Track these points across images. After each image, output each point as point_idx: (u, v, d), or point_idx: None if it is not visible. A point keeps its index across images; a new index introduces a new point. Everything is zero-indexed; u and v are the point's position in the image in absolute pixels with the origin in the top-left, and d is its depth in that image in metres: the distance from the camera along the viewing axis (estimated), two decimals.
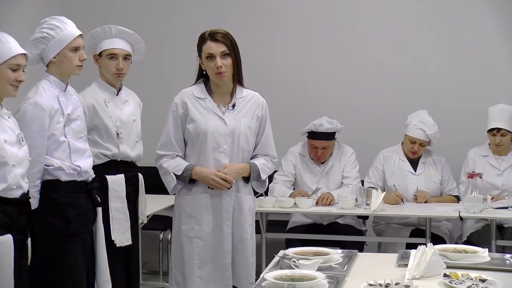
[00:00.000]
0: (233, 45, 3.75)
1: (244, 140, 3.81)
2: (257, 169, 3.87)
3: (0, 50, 3.24)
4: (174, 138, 3.80)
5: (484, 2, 6.22)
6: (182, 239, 3.84)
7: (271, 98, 6.41)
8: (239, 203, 3.86)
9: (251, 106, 3.87)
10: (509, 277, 3.10)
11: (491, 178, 5.56)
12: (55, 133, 3.67)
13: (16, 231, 3.28)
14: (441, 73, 6.30)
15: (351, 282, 3.00)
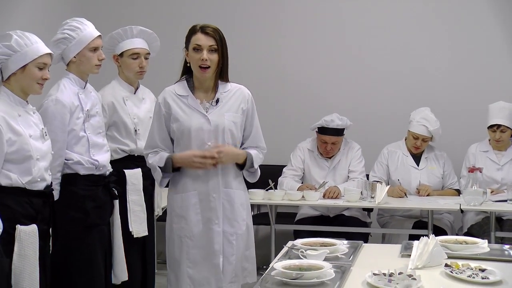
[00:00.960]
0: (222, 41, 3.52)
1: (229, 135, 3.56)
2: (252, 157, 3.63)
3: (28, 50, 3.27)
4: (159, 138, 3.58)
5: (485, 4, 6.20)
6: (174, 238, 3.61)
7: (282, 96, 6.51)
8: (229, 200, 3.59)
9: (235, 100, 3.61)
10: (507, 267, 3.10)
11: (491, 172, 5.55)
12: (75, 128, 3.69)
13: (40, 221, 3.31)
14: (443, 72, 6.29)
15: (356, 271, 3.01)
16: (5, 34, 3.28)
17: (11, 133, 3.19)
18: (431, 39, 6.30)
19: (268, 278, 2.83)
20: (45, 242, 3.39)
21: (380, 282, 2.75)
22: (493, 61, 6.20)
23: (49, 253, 3.51)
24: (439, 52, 6.30)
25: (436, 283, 2.79)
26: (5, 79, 3.30)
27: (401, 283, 2.73)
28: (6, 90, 3.29)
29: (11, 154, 3.19)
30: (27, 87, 3.32)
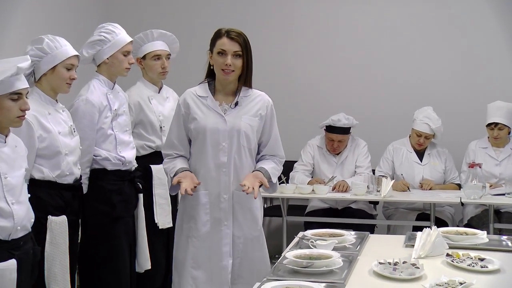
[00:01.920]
0: (247, 47, 3.31)
1: (244, 137, 3.34)
2: (268, 174, 3.38)
3: (57, 52, 3.31)
4: (177, 138, 3.39)
5: (484, 9, 6.18)
6: (181, 238, 3.43)
7: (292, 97, 6.52)
8: (240, 202, 3.37)
9: (254, 105, 3.41)
10: (505, 256, 3.09)
11: (489, 168, 5.54)
12: (103, 127, 3.71)
13: (69, 213, 3.35)
14: (444, 73, 6.28)
15: (363, 260, 3.01)
16: (37, 38, 3.32)
17: (41, 130, 3.23)
18: (434, 42, 6.29)
19: (280, 267, 2.84)
20: (74, 232, 3.42)
21: (385, 271, 2.76)
22: (491, 63, 6.19)
23: (78, 243, 3.55)
24: (441, 55, 6.28)
25: (438, 272, 2.79)
26: (37, 80, 3.33)
27: (405, 271, 2.74)
28: (38, 91, 3.32)
29: (42, 150, 3.23)
30: (56, 86, 3.36)
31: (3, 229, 2.72)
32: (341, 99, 6.30)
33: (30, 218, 2.89)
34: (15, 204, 2.77)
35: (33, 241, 2.93)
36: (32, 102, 3.03)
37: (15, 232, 2.77)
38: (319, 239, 3.25)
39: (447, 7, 6.25)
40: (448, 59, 6.28)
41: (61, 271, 3.19)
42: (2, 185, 2.73)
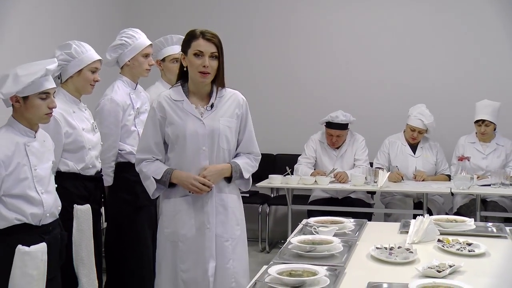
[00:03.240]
0: (221, 48, 3.03)
1: (224, 140, 3.08)
2: (239, 168, 3.12)
3: (83, 57, 3.32)
4: (153, 142, 3.08)
5: (475, 16, 6.16)
6: (165, 243, 3.13)
7: (295, 96, 6.53)
8: (223, 204, 3.12)
9: (230, 105, 3.11)
10: (490, 241, 3.09)
11: (477, 161, 5.54)
12: (127, 124, 3.72)
13: (92, 201, 3.36)
14: (437, 74, 6.28)
15: (361, 245, 3.01)
16: (66, 43, 3.33)
17: (67, 126, 3.24)
18: (427, 46, 6.29)
19: (286, 251, 2.84)
20: (97, 220, 3.44)
21: (382, 255, 2.76)
22: (479, 65, 6.18)
23: (101, 229, 3.56)
24: (434, 57, 6.28)
25: (430, 256, 2.79)
26: (63, 81, 3.34)
27: (400, 255, 2.74)
28: (64, 91, 3.33)
29: (68, 145, 3.24)
30: (81, 88, 3.37)
31: (34, 215, 2.74)
32: (340, 98, 6.30)
33: (57, 206, 2.91)
34: (44, 193, 2.79)
35: (60, 227, 2.95)
36: (59, 102, 3.04)
37: (44, 218, 2.79)
38: (321, 226, 3.25)
39: (440, 14, 6.25)
40: (440, 61, 6.28)
41: (87, 255, 3.21)
42: (33, 176, 2.75)
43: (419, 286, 2.21)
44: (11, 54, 4.76)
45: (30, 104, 2.76)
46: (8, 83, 2.69)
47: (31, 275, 2.68)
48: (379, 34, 6.38)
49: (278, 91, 6.58)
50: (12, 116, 2.80)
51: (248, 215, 3.55)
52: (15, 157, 2.70)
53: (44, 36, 5.16)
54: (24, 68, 2.75)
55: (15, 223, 2.70)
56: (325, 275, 2.36)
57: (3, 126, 2.79)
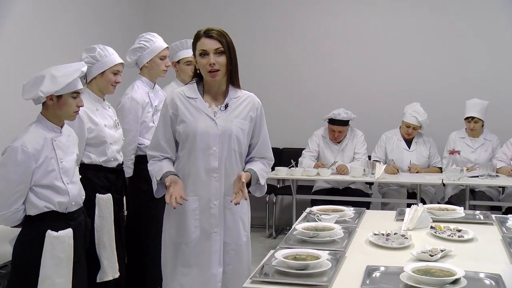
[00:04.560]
0: (229, 44, 2.70)
1: (235, 142, 2.73)
2: (256, 176, 2.76)
3: (106, 60, 3.32)
4: (164, 139, 2.77)
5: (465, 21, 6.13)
6: (169, 244, 2.82)
7: (301, 95, 6.52)
8: (230, 208, 2.76)
9: (244, 107, 2.78)
10: (478, 227, 3.09)
11: (466, 154, 5.53)
12: (146, 120, 3.72)
13: (114, 191, 3.36)
14: (430, 74, 6.26)
15: (360, 232, 3.01)
16: (91, 47, 3.33)
17: (90, 123, 3.24)
18: (420, 49, 6.27)
19: (291, 237, 2.84)
20: (119, 208, 3.44)
21: (379, 241, 2.75)
22: (469, 66, 6.17)
23: (124, 217, 3.57)
24: (427, 59, 6.26)
25: (423, 241, 2.78)
26: (88, 82, 3.35)
27: (396, 241, 2.73)
28: (88, 91, 3.34)
29: (91, 140, 3.24)
30: (104, 88, 3.37)
31: (61, 204, 2.75)
32: (341, 97, 6.30)
33: (82, 195, 2.92)
34: (69, 183, 2.80)
35: (84, 214, 2.96)
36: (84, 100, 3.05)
37: (70, 206, 2.80)
38: (324, 214, 3.25)
39: (433, 21, 6.23)
40: (433, 63, 6.26)
41: (108, 240, 3.22)
42: (59, 168, 2.76)
43: (413, 269, 2.21)
44: (43, 55, 4.81)
45: (62, 102, 2.77)
46: (46, 83, 2.71)
47: (59, 257, 2.70)
48: (378, 39, 6.37)
49: (285, 91, 6.58)
50: (41, 113, 2.81)
51: (256, 204, 3.52)
52: (43, 151, 2.71)
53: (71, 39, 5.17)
54: (59, 70, 2.76)
55: (44, 211, 2.72)
56: (327, 259, 2.36)
57: (33, 123, 2.80)
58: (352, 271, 2.32)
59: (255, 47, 6.54)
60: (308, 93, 6.52)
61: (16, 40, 4.62)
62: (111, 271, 3.21)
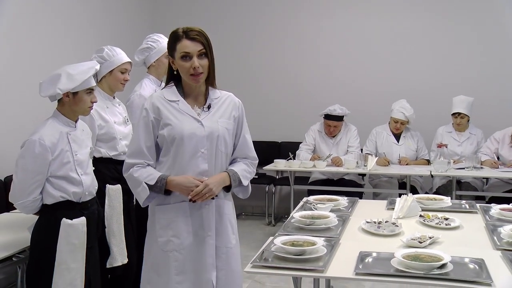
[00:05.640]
0: (209, 44, 2.42)
1: (223, 142, 2.46)
2: (238, 176, 2.48)
3: (114, 59, 3.32)
4: (145, 146, 2.42)
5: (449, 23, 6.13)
6: (157, 253, 2.45)
7: (299, 92, 6.52)
8: (219, 211, 2.48)
9: (227, 107, 2.52)
10: (464, 216, 3.10)
11: (453, 147, 5.54)
12: None
13: (124, 183, 3.35)
14: (417, 72, 6.26)
15: (353, 220, 3.02)
16: (100, 48, 3.33)
17: (101, 120, 3.24)
18: (409, 49, 6.27)
19: (289, 224, 2.85)
20: (129, 198, 3.44)
21: (371, 228, 2.76)
22: (455, 65, 6.16)
23: (133, 207, 3.57)
24: (414, 59, 6.26)
25: (412, 229, 2.79)
26: (98, 80, 3.35)
27: (387, 229, 2.74)
28: (99, 89, 3.33)
29: (101, 136, 3.24)
30: (113, 86, 3.36)
31: (76, 193, 2.76)
32: (337, 94, 6.31)
33: (95, 186, 2.92)
34: (83, 175, 2.80)
35: (97, 204, 2.97)
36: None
37: (84, 196, 2.81)
38: (319, 203, 3.26)
39: (419, 23, 6.23)
40: (420, 62, 6.26)
41: (118, 228, 3.22)
42: (74, 160, 2.76)
43: (403, 254, 2.22)
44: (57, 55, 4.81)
45: (78, 99, 2.78)
46: (63, 80, 2.72)
47: (73, 244, 2.71)
48: (370, 41, 6.38)
49: (284, 90, 6.59)
50: (57, 109, 2.82)
51: (256, 194, 3.51)
52: (59, 144, 2.72)
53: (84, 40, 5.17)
54: (74, 68, 2.77)
55: (60, 200, 2.73)
56: (323, 245, 2.37)
57: (49, 118, 2.80)
58: (346, 257, 2.33)
59: (257, 48, 6.55)
60: (305, 91, 6.53)
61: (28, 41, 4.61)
62: (120, 257, 3.21)
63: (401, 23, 6.27)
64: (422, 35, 6.21)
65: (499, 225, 2.82)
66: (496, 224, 2.89)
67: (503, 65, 6.01)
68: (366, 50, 6.37)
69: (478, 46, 6.07)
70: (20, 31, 4.49)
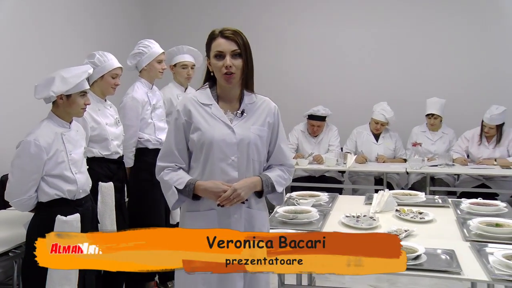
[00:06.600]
0: (245, 45, 2.23)
1: (255, 150, 2.24)
2: (271, 182, 2.25)
3: (106, 64, 3.30)
4: (176, 148, 2.25)
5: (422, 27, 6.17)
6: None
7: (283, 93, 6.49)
8: (250, 221, 2.23)
9: (261, 113, 2.30)
10: (437, 210, 3.13)
11: (427, 146, 5.57)
12: (145, 117, 3.70)
13: (116, 180, 3.34)
14: (394, 76, 6.26)
15: (334, 214, 3.03)
16: (91, 53, 3.31)
17: (93, 122, 3.23)
18: (387, 54, 6.28)
19: (273, 219, 2.86)
20: (121, 195, 3.42)
21: (350, 222, 2.78)
22: (429, 68, 6.18)
23: (125, 204, 3.55)
24: (392, 64, 6.27)
25: (389, 223, 2.81)
26: (90, 84, 3.32)
27: (365, 222, 2.76)
28: (91, 92, 3.31)
29: (94, 137, 3.23)
30: (104, 90, 3.34)
31: (70, 191, 2.74)
32: (320, 96, 6.28)
33: (89, 184, 2.90)
34: (77, 173, 2.78)
35: (91, 201, 2.95)
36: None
37: (78, 194, 2.79)
38: (302, 198, 3.27)
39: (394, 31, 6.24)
40: (397, 67, 6.26)
41: (110, 223, 3.20)
42: (68, 159, 2.74)
43: None
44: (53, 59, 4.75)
45: (72, 101, 2.76)
46: (56, 83, 2.70)
47: None
48: (351, 47, 6.35)
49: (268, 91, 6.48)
50: (51, 111, 2.80)
51: None
52: (54, 144, 2.70)
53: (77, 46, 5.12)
54: (68, 72, 2.75)
55: (55, 198, 2.70)
56: None
57: (44, 119, 2.78)
58: None
59: None
60: (289, 92, 6.51)
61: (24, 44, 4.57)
62: None
63: (379, 32, 6.27)
64: (399, 42, 6.23)
65: (468, 218, 2.86)
66: (466, 217, 2.92)
67: (473, 69, 6.05)
68: (348, 55, 6.36)
69: (450, 50, 6.11)
70: (17, 35, 4.44)
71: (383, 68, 6.29)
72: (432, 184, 5.30)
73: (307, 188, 4.48)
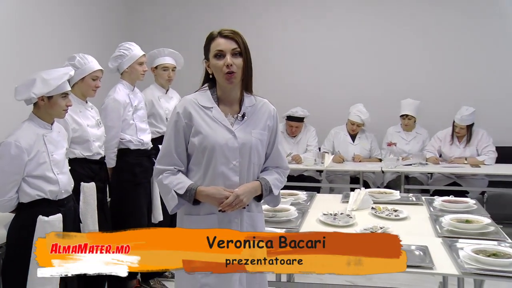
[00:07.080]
0: (245, 45, 2.16)
1: (256, 154, 2.16)
2: (269, 185, 2.19)
3: (86, 67, 3.26)
4: (176, 151, 2.15)
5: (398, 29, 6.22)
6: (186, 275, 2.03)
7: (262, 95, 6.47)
8: (252, 224, 2.17)
9: (261, 116, 2.23)
10: (411, 208, 3.15)
11: (402, 146, 5.61)
12: (126, 118, 3.67)
13: (97, 180, 3.30)
14: (370, 78, 6.30)
15: (312, 212, 3.03)
16: (72, 56, 3.27)
17: (74, 124, 3.20)
18: (362, 56, 6.32)
19: None
20: (103, 195, 3.38)
21: (328, 220, 2.78)
22: (404, 70, 6.23)
23: (107, 204, 3.51)
24: (367, 65, 6.31)
25: (365, 220, 2.82)
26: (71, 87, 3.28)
27: (342, 220, 2.77)
28: (72, 94, 3.26)
29: (75, 138, 3.20)
30: (85, 92, 3.30)
31: (52, 192, 2.70)
32: (298, 97, 6.28)
33: (71, 184, 2.87)
34: (59, 174, 2.74)
35: (74, 201, 2.91)
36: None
37: (60, 194, 2.75)
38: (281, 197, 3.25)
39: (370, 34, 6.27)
40: (372, 69, 6.30)
41: (92, 222, 3.16)
42: (50, 160, 2.70)
43: None
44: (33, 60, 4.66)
45: (53, 102, 2.72)
46: (37, 85, 2.66)
47: None
48: (327, 50, 6.38)
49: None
50: (33, 112, 2.75)
51: None
52: (35, 145, 2.65)
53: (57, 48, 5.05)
54: (49, 73, 2.71)
55: (36, 198, 2.66)
56: None
57: (25, 121, 2.73)
58: None
59: None
60: (269, 94, 6.47)
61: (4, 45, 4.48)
62: None
63: (357, 35, 6.30)
64: (374, 45, 6.27)
65: (440, 215, 2.88)
66: (439, 214, 2.95)
67: (446, 72, 6.12)
68: (325, 58, 6.39)
69: (424, 54, 6.17)
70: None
71: (359, 71, 6.33)
72: (407, 183, 5.34)
73: (285, 187, 4.46)
